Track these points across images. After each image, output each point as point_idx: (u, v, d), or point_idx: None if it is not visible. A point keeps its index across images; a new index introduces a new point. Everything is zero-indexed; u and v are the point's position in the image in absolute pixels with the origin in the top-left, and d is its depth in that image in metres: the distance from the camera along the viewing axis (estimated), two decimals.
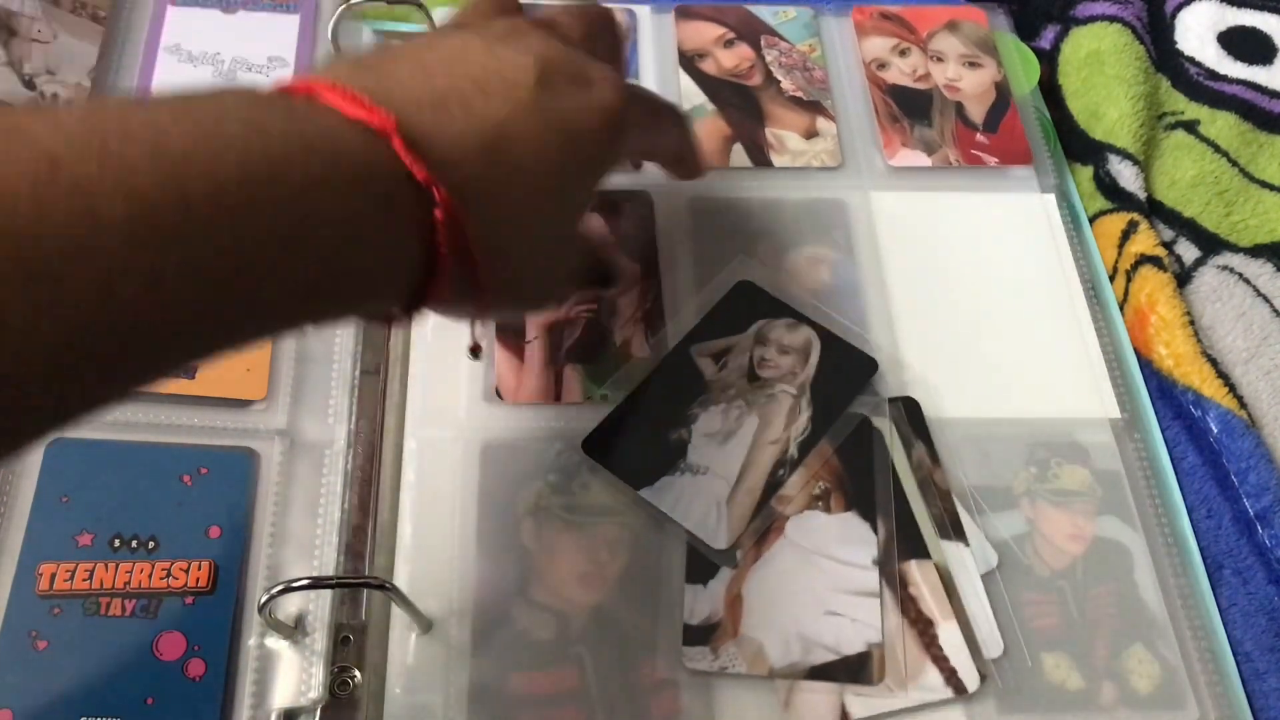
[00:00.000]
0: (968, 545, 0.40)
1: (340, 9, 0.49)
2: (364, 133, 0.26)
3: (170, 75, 0.48)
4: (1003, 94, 0.53)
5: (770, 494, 0.40)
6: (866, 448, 0.42)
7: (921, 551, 0.40)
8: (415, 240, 0.27)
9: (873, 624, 0.38)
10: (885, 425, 0.42)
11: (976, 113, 0.52)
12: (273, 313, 0.25)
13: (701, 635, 0.37)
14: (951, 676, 0.37)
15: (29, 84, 0.45)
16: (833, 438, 0.41)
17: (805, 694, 0.37)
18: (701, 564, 0.39)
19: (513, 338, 0.44)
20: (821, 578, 0.39)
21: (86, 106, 0.22)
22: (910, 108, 0.52)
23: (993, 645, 0.38)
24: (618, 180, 0.48)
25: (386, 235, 0.26)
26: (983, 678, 0.37)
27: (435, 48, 0.30)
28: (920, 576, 0.39)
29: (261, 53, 0.49)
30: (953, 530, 0.40)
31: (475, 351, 0.39)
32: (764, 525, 0.40)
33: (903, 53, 0.54)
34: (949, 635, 0.38)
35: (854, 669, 0.37)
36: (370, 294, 0.28)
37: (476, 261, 0.28)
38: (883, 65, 0.54)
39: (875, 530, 0.40)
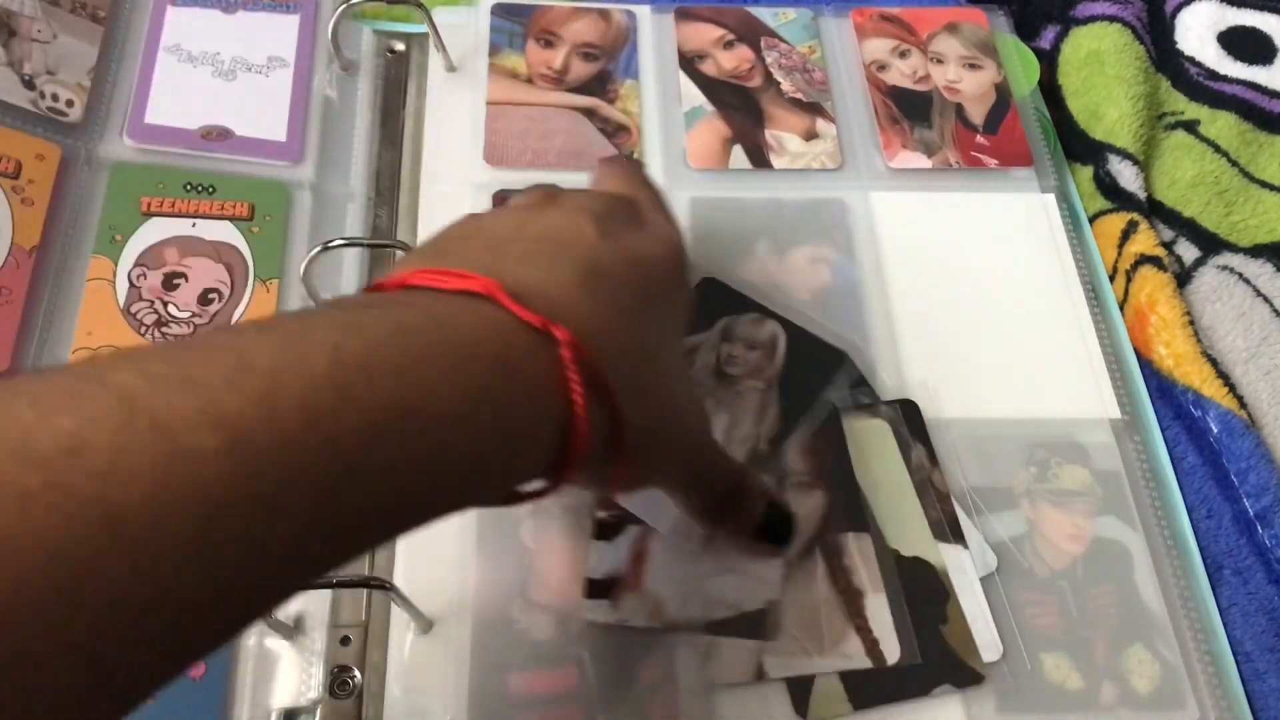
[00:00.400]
0: (967, 548, 0.40)
1: (340, 9, 0.49)
2: (466, 301, 0.25)
3: (170, 75, 0.48)
4: (1003, 95, 0.53)
5: None
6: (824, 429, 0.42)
7: (859, 524, 0.40)
8: (542, 397, 0.25)
9: (772, 581, 0.38)
10: (882, 426, 0.42)
11: (976, 114, 0.52)
12: (389, 517, 0.23)
13: (603, 589, 0.38)
14: (873, 647, 0.37)
15: (29, 84, 0.45)
16: (803, 431, 0.42)
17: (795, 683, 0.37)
18: (610, 527, 0.39)
19: None
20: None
21: (172, 341, 0.21)
22: (910, 109, 0.52)
23: (992, 649, 0.38)
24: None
25: (511, 399, 0.25)
26: (981, 678, 0.37)
27: (489, 227, 0.30)
28: (856, 549, 0.39)
29: (261, 53, 0.49)
30: (951, 533, 0.40)
31: (603, 528, 0.38)
32: None
33: (903, 54, 0.54)
34: (876, 608, 0.38)
35: (752, 625, 0.38)
36: (505, 471, 0.26)
37: (614, 406, 0.27)
38: (883, 67, 0.54)
39: (780, 486, 0.40)
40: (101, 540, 0.17)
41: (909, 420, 0.42)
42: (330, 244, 0.42)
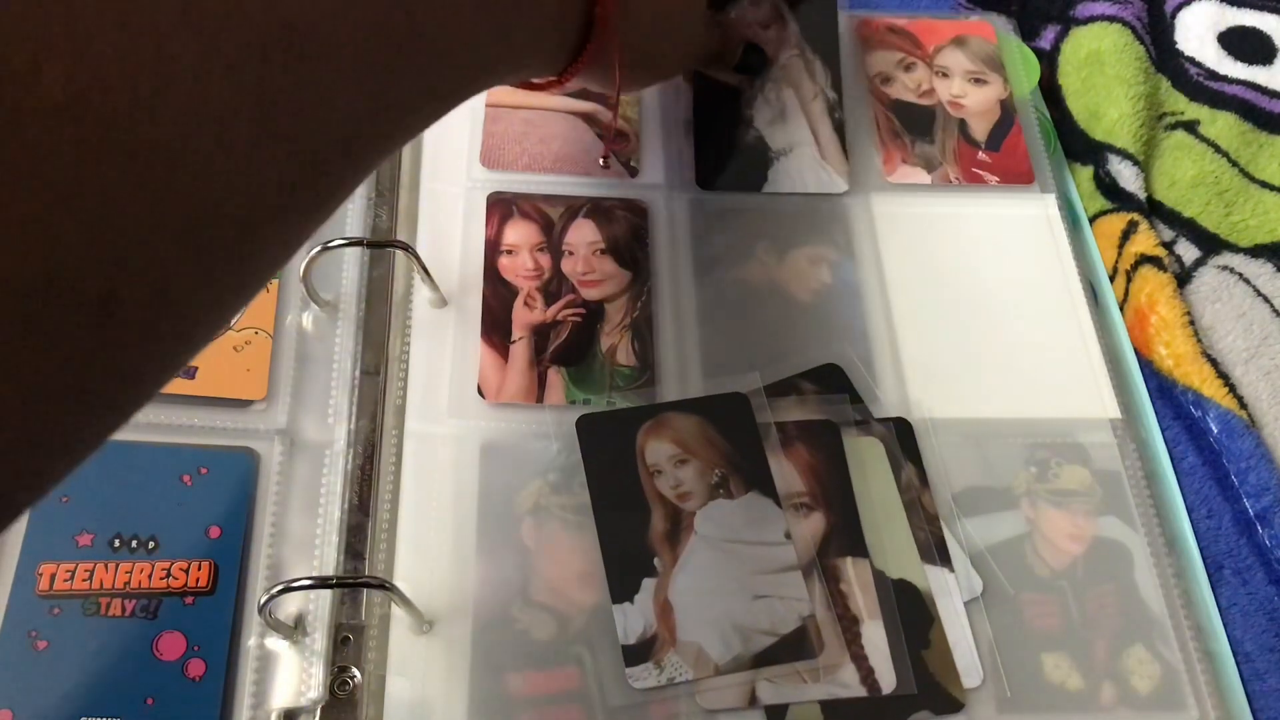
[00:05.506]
0: (952, 571, 0.40)
1: None
2: None
3: None
4: (1007, 112, 0.52)
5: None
6: (749, 424, 0.42)
7: (858, 549, 0.39)
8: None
9: (801, 597, 0.38)
10: (874, 444, 0.42)
11: (979, 130, 0.52)
12: (431, 81, 0.27)
13: (641, 653, 0.37)
14: (869, 675, 0.37)
15: None
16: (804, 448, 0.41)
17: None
18: (623, 582, 0.38)
19: (497, 337, 0.44)
20: (741, 564, 0.39)
21: None
22: (912, 123, 0.52)
23: (973, 674, 0.38)
24: (614, 187, 0.49)
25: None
26: (960, 706, 0.37)
27: None
28: (853, 573, 0.39)
29: None
30: (938, 555, 0.40)
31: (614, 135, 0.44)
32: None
33: (908, 67, 0.54)
34: (872, 634, 0.38)
35: (795, 646, 0.37)
36: (521, 58, 0.32)
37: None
38: (887, 80, 0.53)
39: (779, 504, 0.40)
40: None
41: (901, 438, 0.42)
42: (330, 244, 0.42)
